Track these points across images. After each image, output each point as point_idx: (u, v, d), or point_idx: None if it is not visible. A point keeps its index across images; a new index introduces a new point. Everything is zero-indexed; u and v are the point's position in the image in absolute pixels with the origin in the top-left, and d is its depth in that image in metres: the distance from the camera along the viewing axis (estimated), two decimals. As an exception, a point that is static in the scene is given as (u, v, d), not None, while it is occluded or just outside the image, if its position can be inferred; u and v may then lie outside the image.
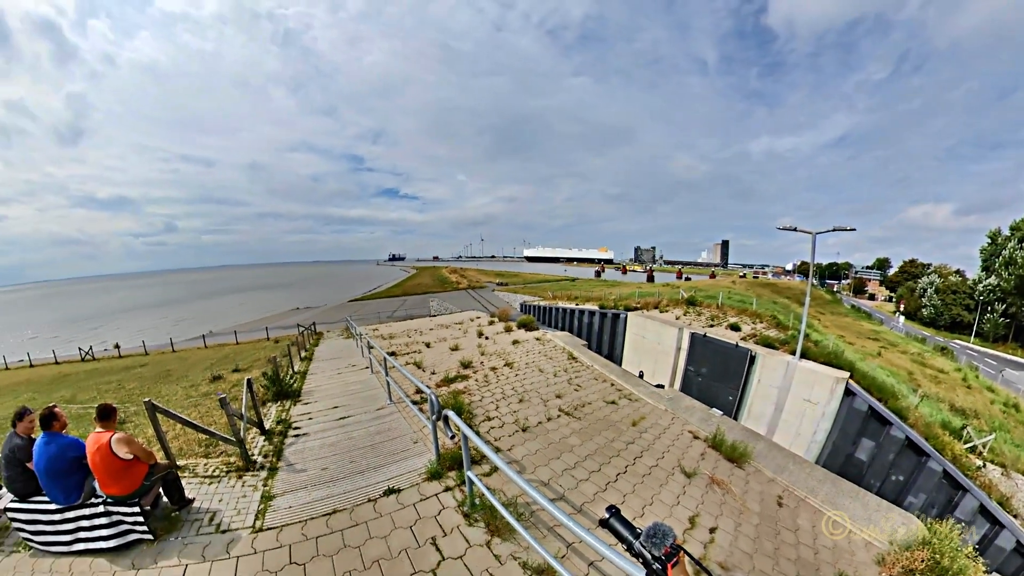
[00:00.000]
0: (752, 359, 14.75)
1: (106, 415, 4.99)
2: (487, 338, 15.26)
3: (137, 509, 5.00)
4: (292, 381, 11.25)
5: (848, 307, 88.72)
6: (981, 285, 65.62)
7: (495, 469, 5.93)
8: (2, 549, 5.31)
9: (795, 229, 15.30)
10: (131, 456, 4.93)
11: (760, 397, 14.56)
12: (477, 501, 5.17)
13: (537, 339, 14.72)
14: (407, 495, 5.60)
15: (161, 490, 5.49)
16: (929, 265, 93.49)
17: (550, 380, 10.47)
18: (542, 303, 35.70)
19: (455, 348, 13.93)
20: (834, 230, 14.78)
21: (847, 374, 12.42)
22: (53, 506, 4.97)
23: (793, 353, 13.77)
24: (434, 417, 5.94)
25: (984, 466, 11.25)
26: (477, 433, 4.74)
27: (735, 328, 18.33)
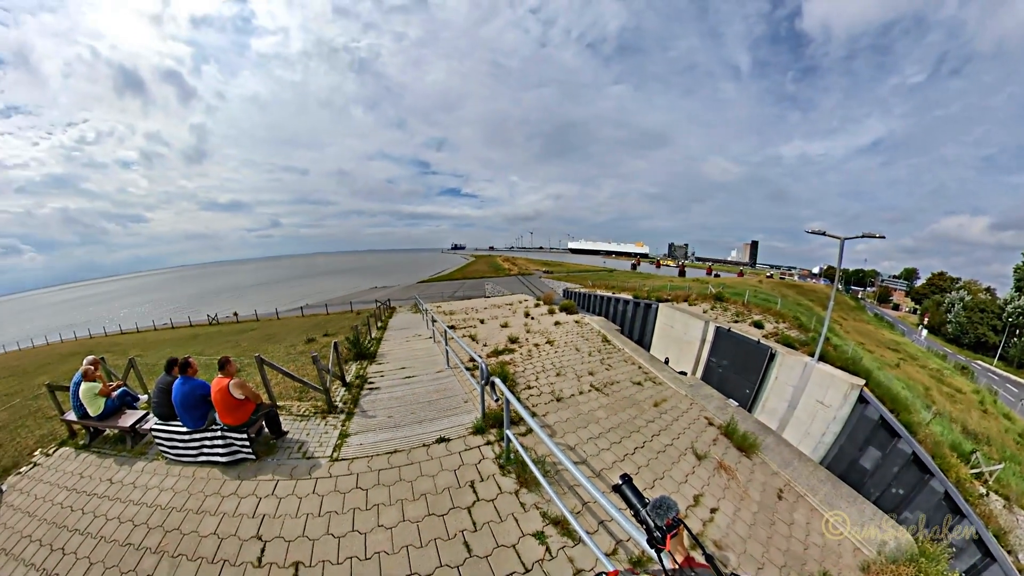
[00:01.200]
0: (772, 356, 13.75)
1: (225, 365, 5.52)
2: (532, 318, 15.23)
3: (245, 436, 5.53)
4: (369, 345, 11.67)
5: (871, 315, 76.45)
6: (1011, 306, 56.72)
7: (529, 431, 5.90)
8: (147, 457, 6.11)
9: (824, 233, 13.90)
10: (243, 397, 5.44)
11: (775, 393, 13.58)
12: (512, 456, 5.22)
13: (576, 322, 14.48)
14: (454, 444, 5.75)
15: (264, 423, 5.99)
16: (958, 280, 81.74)
17: (584, 359, 10.31)
18: (582, 290, 35.02)
19: (504, 325, 13.99)
20: (863, 236, 13.20)
21: (863, 381, 11.24)
22: (184, 429, 5.59)
23: (812, 355, 12.67)
24: (483, 382, 6.02)
25: (987, 495, 9.81)
26: (518, 399, 4.83)
27: (758, 325, 17.12)
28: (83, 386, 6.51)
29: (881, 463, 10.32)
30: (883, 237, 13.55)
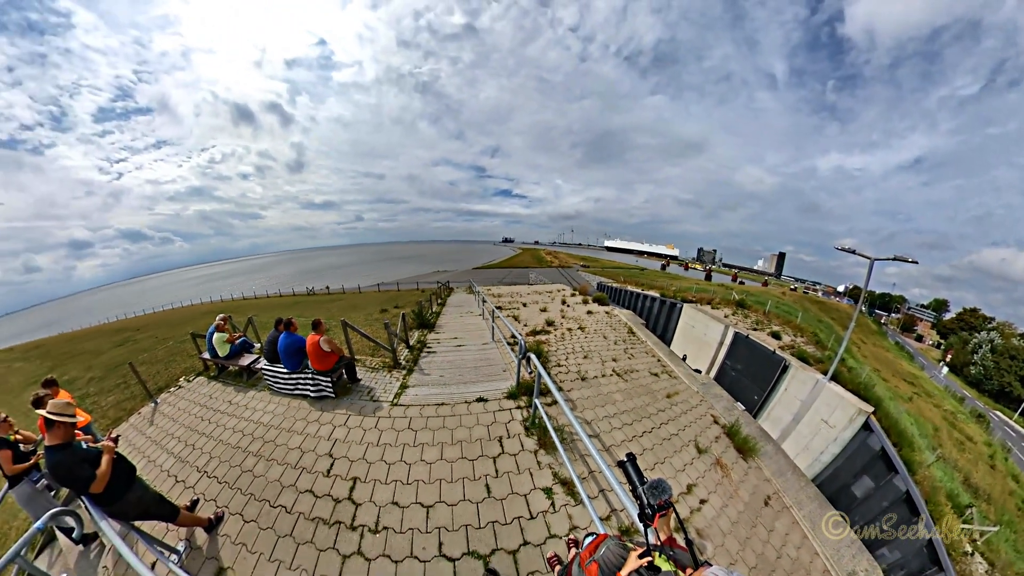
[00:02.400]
0: (784, 368, 12.33)
1: (318, 325, 6.07)
2: (568, 306, 15.06)
3: (329, 379, 6.07)
4: (430, 317, 11.87)
5: (892, 342, 63.27)
6: (1046, 358, 43.79)
7: (554, 402, 5.88)
8: (257, 388, 6.84)
9: (853, 252, 12.02)
10: (329, 350, 5.96)
11: (782, 404, 12.19)
12: (536, 421, 5.28)
13: (606, 312, 14.08)
14: (490, 405, 5.89)
15: (343, 371, 6.51)
16: (991, 319, 66.49)
17: (610, 346, 10.04)
18: (614, 285, 33.48)
19: (543, 310, 13.93)
20: (894, 259, 11.15)
21: (871, 409, 9.81)
22: (285, 371, 6.22)
23: (825, 373, 11.18)
24: (520, 356, 6.07)
25: (972, 554, 8.29)
26: (548, 374, 4.75)
27: (776, 336, 15.63)
28: (215, 335, 7.57)
29: (872, 494, 8.92)
30: (916, 262, 11.43)
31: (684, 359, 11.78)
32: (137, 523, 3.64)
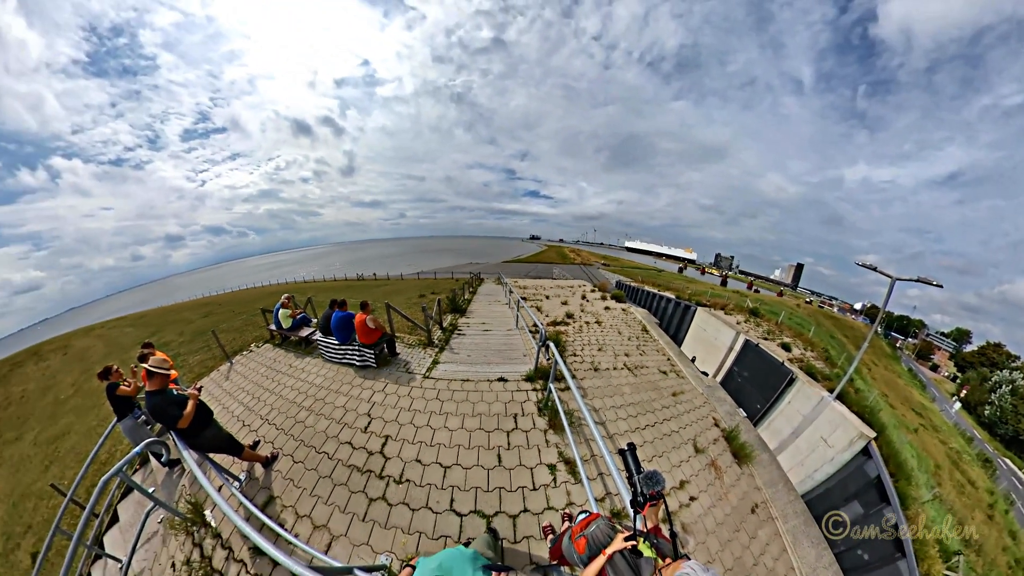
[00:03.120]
0: (791, 380, 11.20)
1: (365, 306, 6.31)
2: (587, 300, 14.79)
3: (372, 352, 6.34)
4: (462, 303, 11.88)
5: (905, 368, 53.48)
6: (1072, 409, 35.65)
7: (567, 388, 5.69)
8: (312, 355, 7.21)
9: (875, 269, 10.60)
10: (374, 327, 6.20)
11: (784, 416, 11.07)
12: (549, 404, 5.25)
13: (623, 310, 13.65)
14: (510, 385, 5.91)
15: (384, 345, 6.75)
16: (1017, 358, 55.34)
17: (624, 341, 9.73)
18: (632, 284, 31.99)
19: (564, 303, 13.74)
20: (917, 281, 9.81)
21: (874, 435, 8.77)
22: (336, 342, 6.52)
23: (831, 390, 10.12)
24: (540, 343, 5.99)
25: None
26: (564, 362, 4.72)
27: (786, 348, 14.32)
28: (280, 311, 8.13)
29: (859, 521, 7.68)
30: (940, 286, 9.93)
31: (693, 360, 11.06)
32: (210, 455, 4.03)
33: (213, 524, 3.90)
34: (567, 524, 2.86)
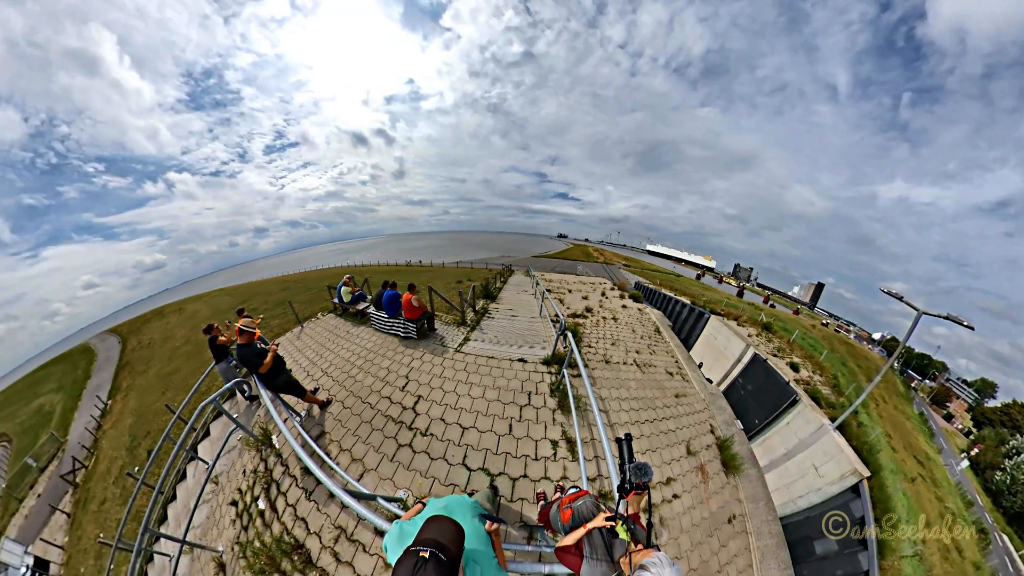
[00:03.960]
0: (794, 402, 10.00)
1: (411, 287, 6.55)
2: (606, 297, 14.33)
3: (415, 326, 6.56)
4: (494, 291, 11.87)
5: (916, 411, 33.47)
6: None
7: (579, 375, 5.54)
8: (366, 326, 7.58)
9: (900, 299, 8.72)
10: (418, 305, 6.41)
11: (780, 436, 9.83)
12: (560, 387, 5.19)
13: (639, 309, 13.05)
14: (528, 365, 5.89)
15: (425, 322, 6.95)
16: None
17: (636, 339, 9.31)
18: (650, 286, 30.29)
19: (585, 297, 13.44)
20: (946, 318, 8.12)
21: (868, 474, 7.60)
22: (386, 316, 6.80)
23: (833, 419, 8.90)
24: (559, 332, 5.87)
25: None
26: (579, 351, 4.70)
27: (794, 368, 12.78)
28: (342, 288, 8.64)
29: (831, 559, 6.82)
30: (971, 328, 8.12)
31: (700, 366, 10.00)
32: (281, 395, 4.48)
33: (276, 446, 4.44)
34: (558, 495, 2.85)
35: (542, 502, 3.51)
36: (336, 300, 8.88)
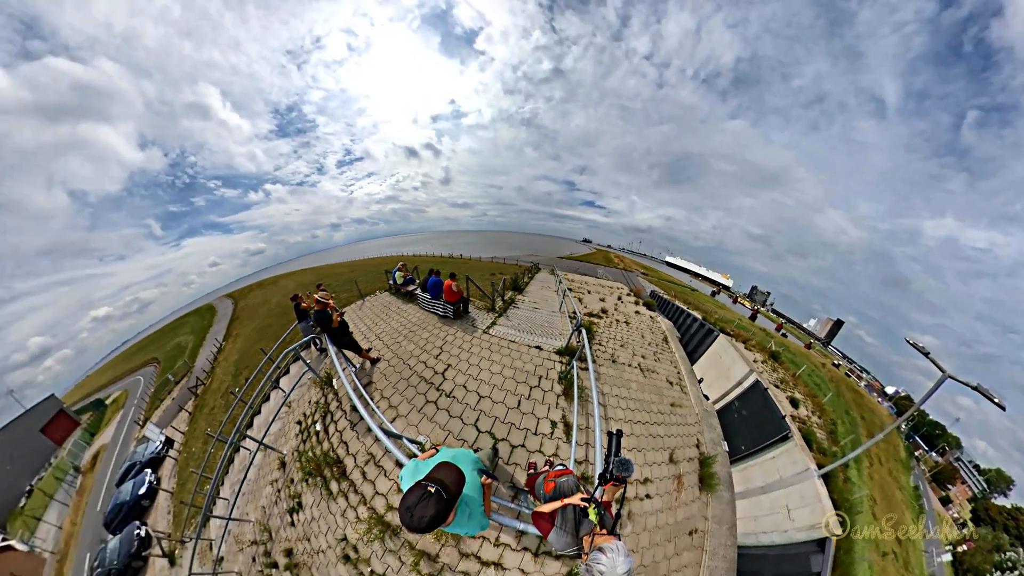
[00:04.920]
0: (785, 437, 8.59)
1: (452, 275, 6.82)
2: (622, 302, 13.64)
3: (452, 308, 6.79)
4: (521, 284, 11.81)
5: (912, 484, 24.03)
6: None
7: (586, 368, 5.39)
8: (413, 303, 7.92)
9: (927, 354, 6.78)
10: (456, 290, 6.64)
11: (763, 468, 8.47)
12: (567, 376, 5.14)
13: (651, 317, 12.15)
14: (543, 353, 5.84)
15: (461, 305, 7.14)
16: None
17: (644, 344, 8.76)
18: (665, 296, 28.42)
19: (602, 299, 12.85)
20: (975, 389, 5.96)
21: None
22: (430, 297, 7.05)
23: (821, 466, 7.60)
24: (575, 327, 5.94)
25: None
26: (589, 347, 4.70)
27: (794, 403, 11.17)
28: (396, 273, 9.07)
29: None
30: (1002, 408, 6.04)
31: (700, 381, 8.97)
32: (343, 350, 5.01)
33: (335, 387, 4.99)
34: (546, 468, 2.83)
35: (531, 471, 3.58)
36: (391, 282, 9.33)
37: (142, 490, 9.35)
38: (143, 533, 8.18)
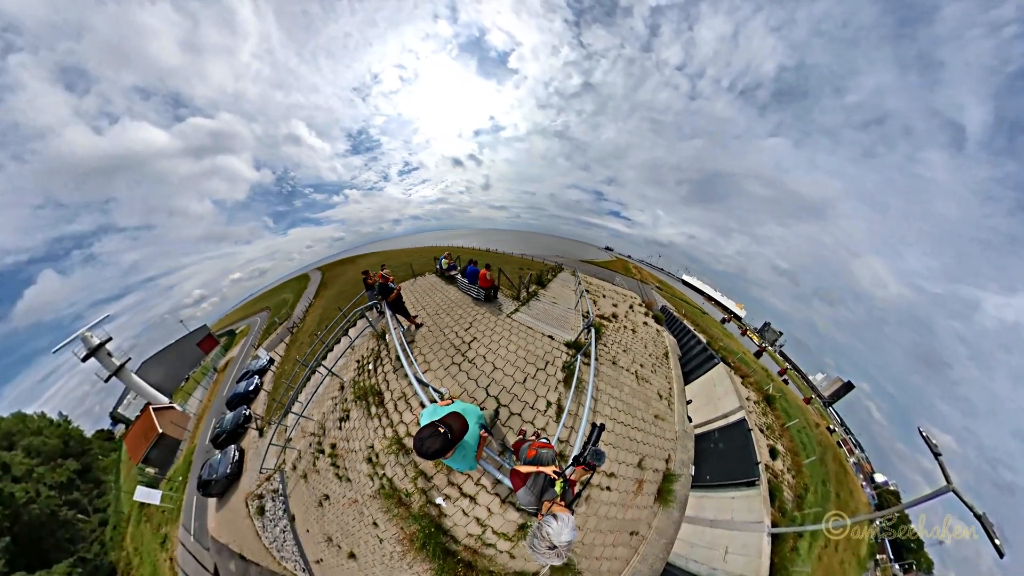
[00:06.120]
0: (752, 483, 7.33)
1: (487, 266, 6.93)
2: (632, 311, 12.83)
3: (484, 293, 6.97)
4: (544, 280, 11.39)
5: None
6: None
7: (588, 363, 5.30)
8: (454, 286, 8.18)
9: (937, 455, 4.54)
10: (490, 279, 6.79)
11: (719, 504, 7.31)
12: (571, 366, 5.14)
13: (657, 330, 11.34)
14: (554, 342, 5.86)
15: (492, 291, 7.21)
16: None
17: (645, 355, 8.18)
18: (674, 313, 25.14)
19: (615, 305, 12.18)
20: (977, 518, 3.92)
21: None
22: (466, 282, 7.33)
23: (775, 525, 6.58)
24: (585, 325, 6.05)
25: None
26: (595, 345, 4.84)
27: (773, 454, 9.56)
28: (443, 260, 9.34)
29: None
30: (1002, 554, 4.15)
31: (688, 403, 7.97)
32: (397, 315, 5.50)
33: (387, 341, 5.57)
34: (532, 438, 2.99)
35: (521, 436, 3.72)
36: (437, 267, 9.66)
37: (251, 387, 11.98)
38: (248, 413, 10.46)
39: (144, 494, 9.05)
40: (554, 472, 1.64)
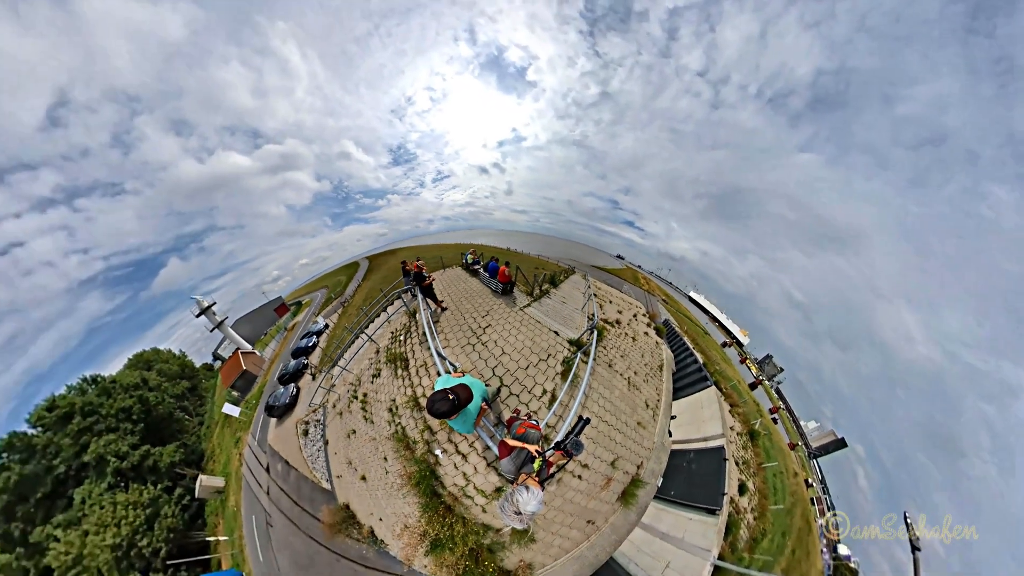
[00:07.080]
0: (712, 511, 6.73)
1: (507, 264, 6.99)
2: (636, 320, 12.23)
3: (502, 287, 7.00)
4: (556, 281, 11.00)
5: None
6: None
7: (586, 361, 5.36)
8: (476, 279, 8.30)
9: (915, 550, 4.02)
10: (508, 275, 6.84)
11: (675, 519, 6.81)
12: (570, 362, 5.14)
13: (656, 342, 10.79)
14: (558, 338, 5.83)
15: (509, 286, 7.20)
16: None
17: (641, 363, 7.69)
18: (676, 328, 22.81)
19: (619, 312, 11.78)
20: None
21: None
22: (487, 276, 7.35)
23: (721, 559, 5.95)
24: (589, 327, 6.03)
25: None
26: (595, 347, 4.95)
27: (741, 489, 8.52)
28: (467, 255, 9.50)
29: None
30: None
31: (672, 418, 7.24)
32: (427, 298, 5.76)
33: (416, 319, 5.84)
34: (524, 418, 2.98)
35: (515, 414, 3.83)
36: (463, 261, 9.86)
37: (310, 344, 13.85)
38: (305, 362, 12.33)
39: (229, 408, 11.36)
40: (536, 451, 1.71)
